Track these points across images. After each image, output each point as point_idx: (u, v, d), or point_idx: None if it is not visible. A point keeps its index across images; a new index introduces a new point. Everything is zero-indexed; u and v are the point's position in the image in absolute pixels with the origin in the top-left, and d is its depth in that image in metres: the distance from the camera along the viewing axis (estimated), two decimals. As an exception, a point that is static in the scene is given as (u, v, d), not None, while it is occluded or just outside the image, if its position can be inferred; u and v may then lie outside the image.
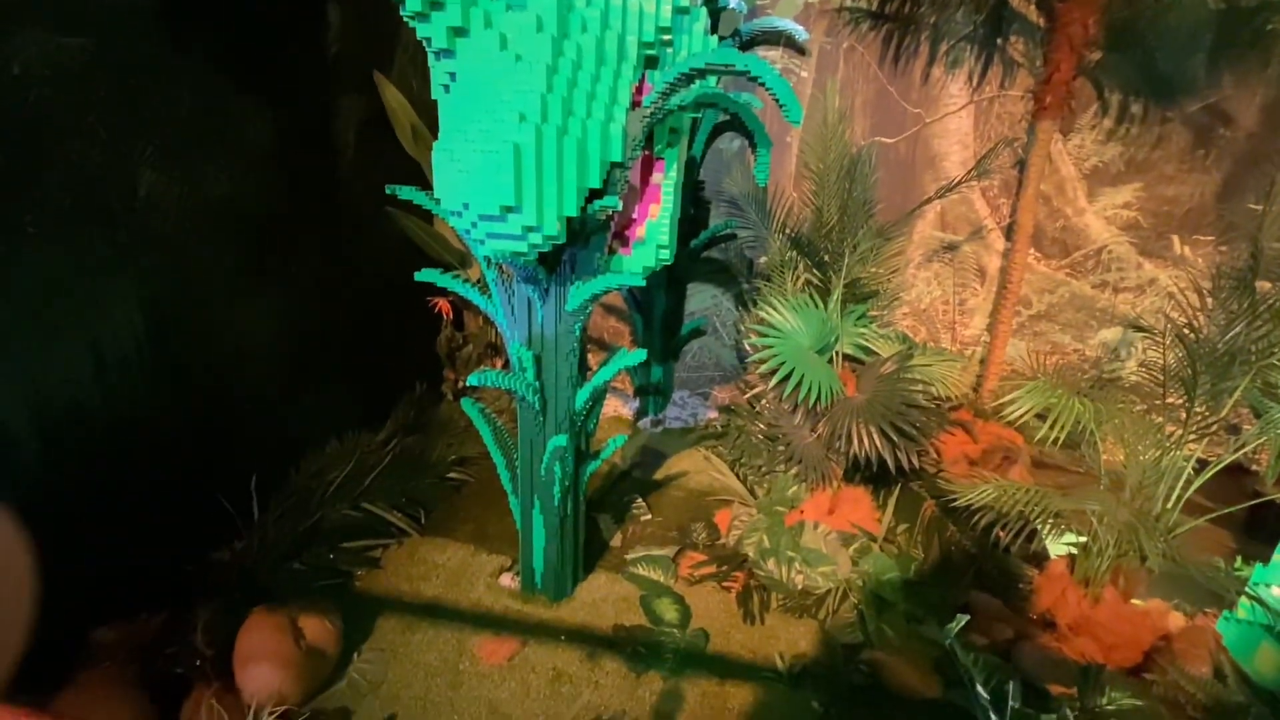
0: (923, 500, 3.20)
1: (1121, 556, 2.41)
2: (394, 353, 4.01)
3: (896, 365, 2.65)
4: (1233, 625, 2.41)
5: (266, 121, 2.91)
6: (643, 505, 3.37)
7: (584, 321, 2.26)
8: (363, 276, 3.62)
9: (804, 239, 3.22)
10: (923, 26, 3.88)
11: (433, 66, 1.94)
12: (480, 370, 2.14)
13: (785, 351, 2.63)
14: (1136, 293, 4.10)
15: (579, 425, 2.41)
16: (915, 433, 2.55)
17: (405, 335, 4.12)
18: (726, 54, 1.86)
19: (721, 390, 4.78)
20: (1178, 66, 3.67)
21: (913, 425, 2.52)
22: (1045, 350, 4.29)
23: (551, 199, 1.85)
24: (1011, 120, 3.96)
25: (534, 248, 1.91)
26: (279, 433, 3.14)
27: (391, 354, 3.99)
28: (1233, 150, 3.75)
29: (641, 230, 2.33)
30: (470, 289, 2.33)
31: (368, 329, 3.73)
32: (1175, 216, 3.93)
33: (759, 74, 1.82)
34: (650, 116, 2.01)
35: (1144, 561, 2.33)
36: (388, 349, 3.93)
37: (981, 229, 4.20)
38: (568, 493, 2.45)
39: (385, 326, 3.88)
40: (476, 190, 1.80)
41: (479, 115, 1.81)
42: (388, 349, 3.93)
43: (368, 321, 3.72)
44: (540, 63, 1.81)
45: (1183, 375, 2.27)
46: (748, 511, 3.12)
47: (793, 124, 1.93)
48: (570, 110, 1.87)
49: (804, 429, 2.85)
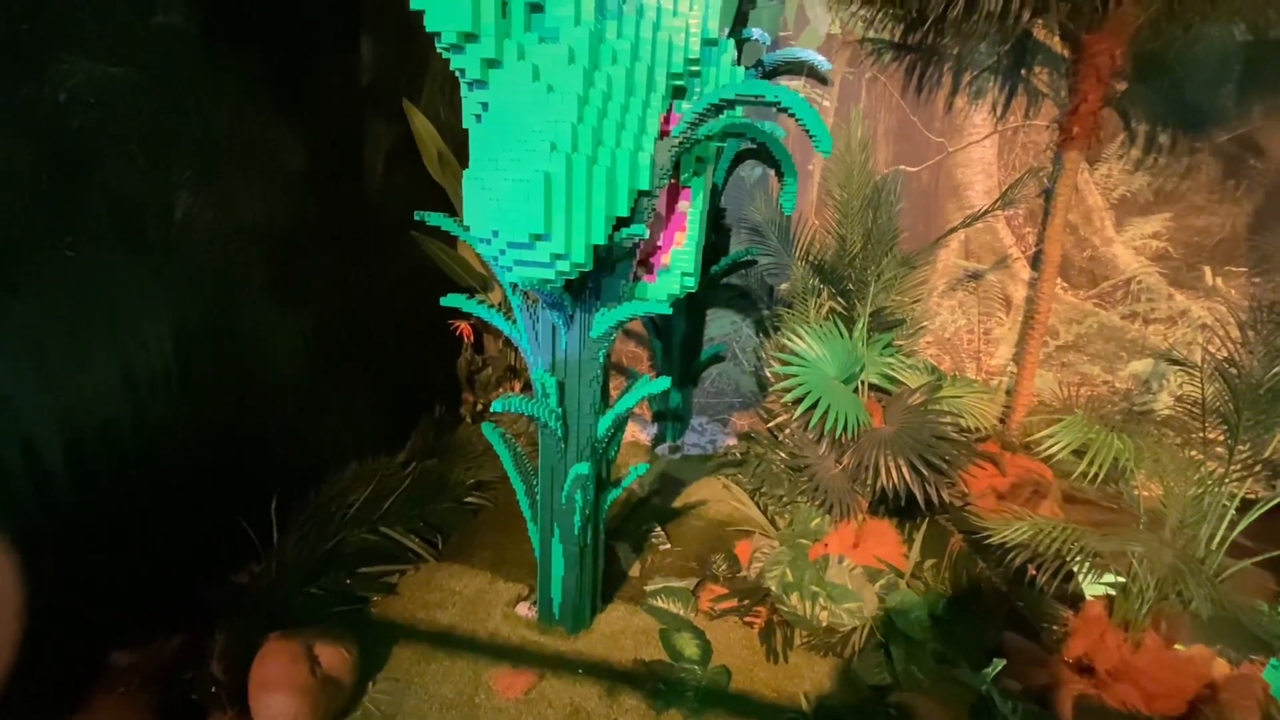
0: (949, 534, 3.11)
1: (1163, 600, 2.31)
2: (415, 375, 4.03)
3: (925, 396, 2.60)
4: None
5: (299, 147, 2.98)
6: (662, 534, 3.31)
7: (608, 348, 2.24)
8: (386, 299, 3.65)
9: (827, 266, 3.20)
10: (945, 57, 3.89)
11: (465, 97, 1.97)
12: (503, 396, 2.13)
13: (810, 380, 2.60)
14: (1168, 324, 4.02)
15: (601, 453, 2.38)
16: (945, 466, 2.48)
17: (426, 357, 4.14)
18: (755, 85, 1.86)
19: (741, 417, 4.73)
20: (1206, 97, 3.64)
21: (942, 458, 2.46)
22: (1074, 382, 4.20)
23: (580, 227, 1.85)
24: (1036, 150, 3.94)
25: (561, 275, 1.91)
26: (301, 454, 3.15)
27: (412, 376, 4.01)
28: (1264, 181, 3.69)
29: (666, 257, 2.33)
30: (495, 314, 2.33)
31: (390, 351, 3.76)
32: (1206, 247, 3.86)
33: (789, 105, 1.82)
34: (678, 146, 2.02)
35: (1187, 606, 2.23)
36: (409, 371, 3.95)
37: (1006, 258, 4.15)
38: (588, 522, 2.42)
39: (407, 348, 3.90)
40: (507, 218, 1.81)
41: (510, 144, 1.82)
42: (409, 371, 3.95)
43: (390, 343, 3.75)
44: (572, 93, 1.82)
45: (1224, 411, 2.20)
46: (769, 543, 3.05)
47: (823, 154, 1.92)
48: (600, 140, 1.88)
49: (829, 460, 2.80)
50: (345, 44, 3.33)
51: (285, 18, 2.84)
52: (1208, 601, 2.03)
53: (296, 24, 2.92)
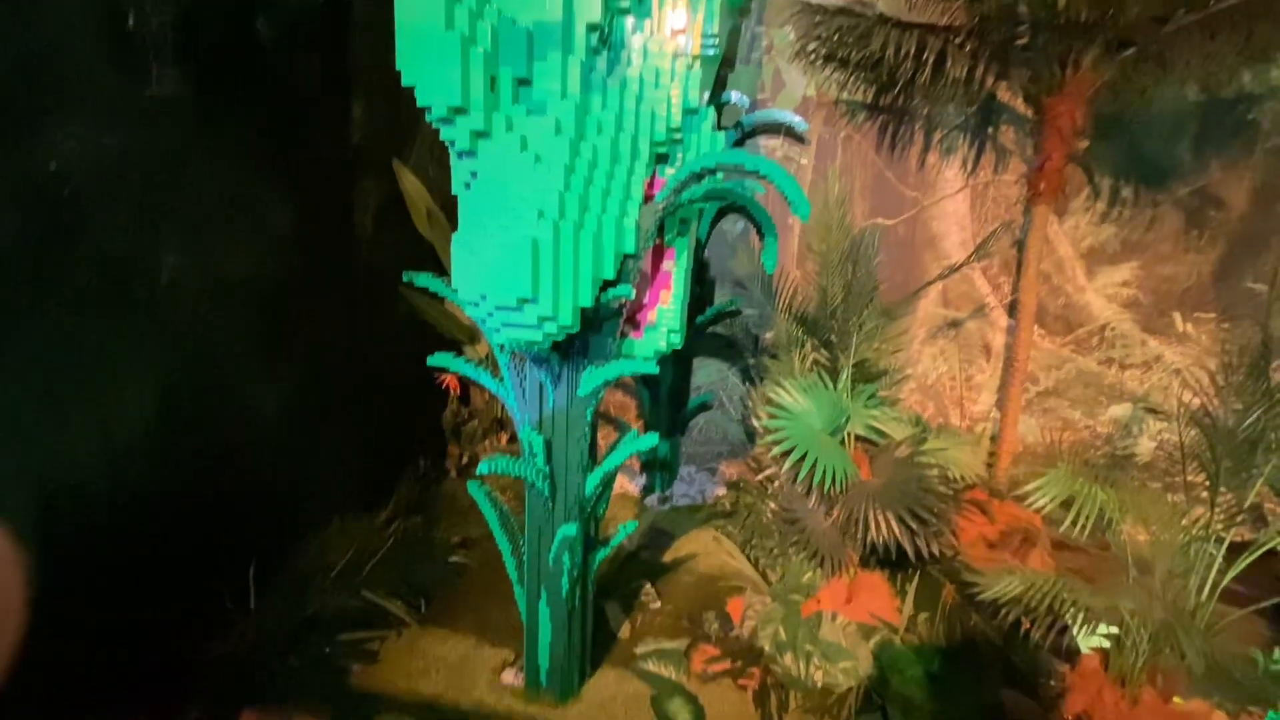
0: (941, 585, 3.08)
1: (1158, 653, 2.29)
2: (399, 428, 3.99)
3: (911, 449, 2.62)
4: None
5: (289, 207, 3.02)
6: (651, 592, 3.24)
7: (596, 405, 2.25)
8: (372, 353, 3.64)
9: (810, 318, 3.25)
10: (916, 117, 4.07)
11: (454, 165, 2.02)
12: (490, 457, 2.11)
13: (797, 433, 2.61)
14: (1143, 369, 4.11)
15: (589, 512, 2.35)
16: (933, 518, 2.48)
17: (411, 410, 4.11)
18: (735, 154, 1.94)
19: (729, 465, 4.72)
20: (1165, 153, 3.83)
21: (930, 510, 2.46)
22: (1056, 427, 4.25)
23: (567, 290, 1.88)
24: (1007, 203, 4.09)
25: (549, 337, 1.93)
26: (281, 515, 3.08)
27: (397, 430, 3.96)
28: (1225, 231, 3.85)
29: (652, 315, 2.36)
30: (482, 372, 2.33)
31: (375, 406, 3.73)
32: (1175, 294, 3.99)
33: (767, 173, 1.89)
34: (662, 210, 2.08)
35: (1182, 659, 2.21)
36: (393, 425, 3.91)
37: (984, 306, 4.25)
38: (576, 584, 2.37)
39: (392, 402, 3.87)
40: (495, 282, 1.83)
41: (499, 211, 1.87)
42: (393, 425, 3.91)
43: (375, 398, 3.72)
44: (559, 163, 1.88)
45: (1203, 459, 2.23)
46: (762, 600, 3.00)
47: (801, 219, 1.99)
48: (586, 206, 1.93)
49: (818, 513, 2.79)
50: (336, 106, 3.42)
51: (278, 82, 2.92)
52: (1200, 656, 2.02)
53: (289, 88, 3.01)
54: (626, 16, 2.14)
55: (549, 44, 1.92)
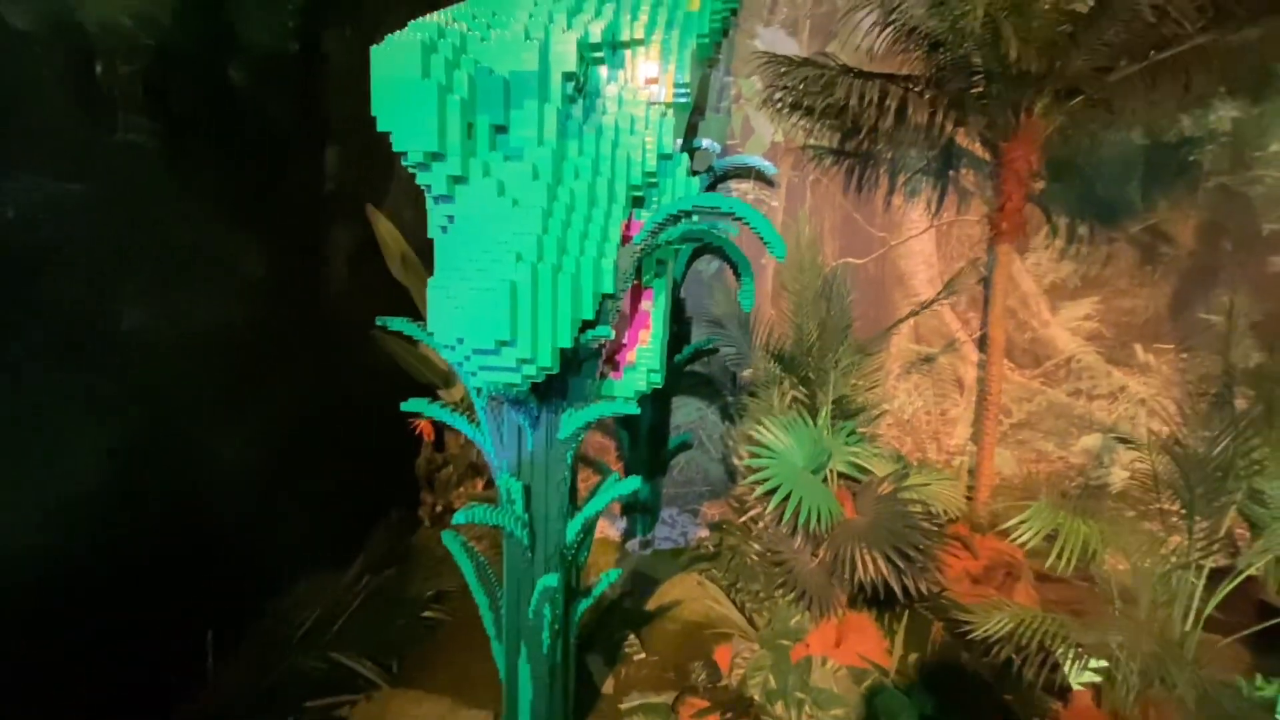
0: (928, 623, 3.04)
1: (1148, 686, 2.27)
2: (371, 477, 3.86)
3: (894, 485, 2.61)
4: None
5: (259, 253, 2.97)
6: (635, 642, 3.13)
7: (576, 449, 2.20)
8: (343, 401, 3.54)
9: (787, 355, 3.27)
10: (881, 161, 4.22)
11: (431, 209, 2.01)
12: (466, 506, 2.04)
13: (780, 472, 2.59)
14: (1110, 399, 4.21)
15: (570, 560, 2.28)
16: (919, 555, 2.46)
17: (384, 458, 3.98)
18: (711, 197, 1.97)
19: (711, 506, 4.65)
20: (1116, 193, 4.02)
21: (917, 548, 2.44)
22: (1031, 459, 4.31)
23: (546, 332, 1.86)
24: (970, 242, 4.23)
25: (528, 379, 1.89)
26: (246, 574, 2.92)
27: (369, 479, 3.83)
28: (1177, 266, 4.03)
29: (632, 355, 2.35)
30: (458, 418, 2.28)
31: (346, 454, 3.61)
32: (1135, 326, 4.13)
33: (742, 215, 1.92)
34: (640, 252, 2.09)
35: (1172, 691, 2.19)
36: (365, 474, 3.78)
37: (955, 341, 4.34)
38: (558, 638, 2.27)
39: (364, 450, 3.75)
40: (472, 325, 1.80)
41: (476, 255, 1.85)
42: (365, 474, 3.78)
43: (346, 446, 3.60)
44: (536, 207, 1.89)
45: (1177, 487, 2.26)
46: (750, 646, 2.91)
47: (777, 259, 2.01)
48: (564, 249, 1.93)
49: (804, 554, 2.74)
50: (309, 152, 3.41)
51: (248, 128, 2.91)
52: (1191, 686, 2.00)
53: (260, 134, 2.99)
54: (601, 66, 2.19)
55: (525, 92, 1.95)
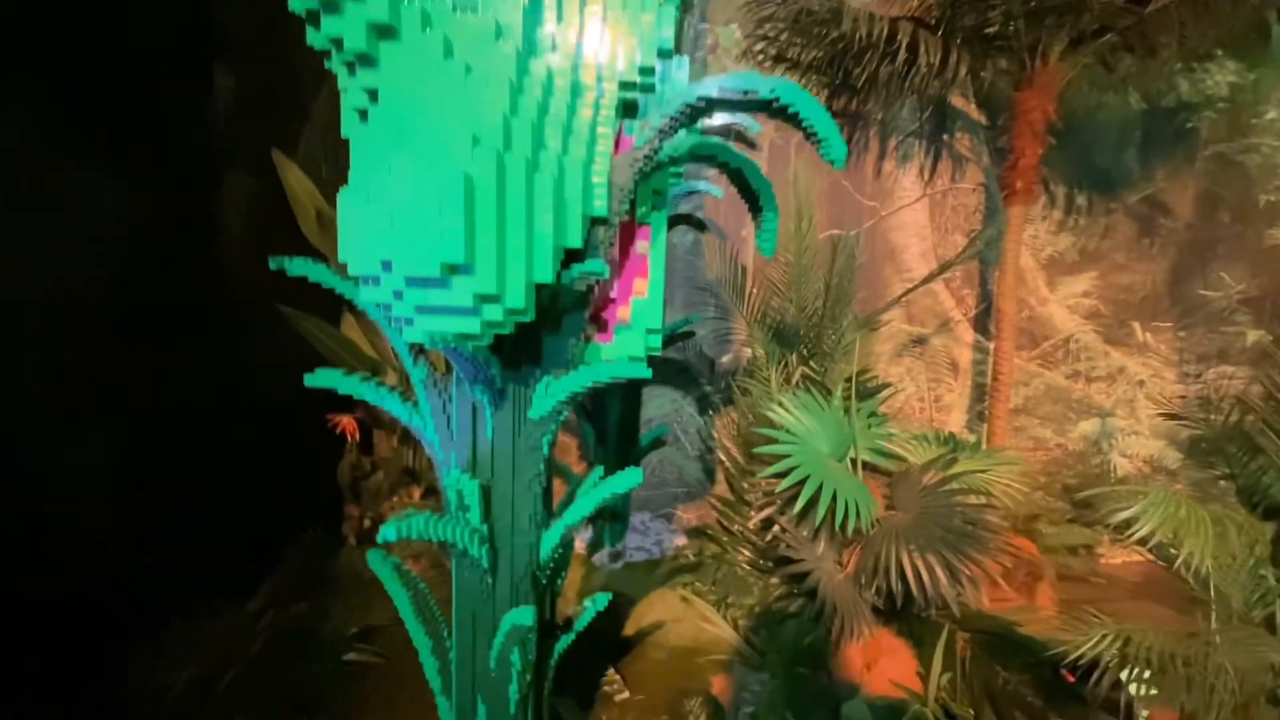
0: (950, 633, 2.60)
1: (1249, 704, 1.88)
2: (280, 489, 3.10)
3: (940, 473, 2.16)
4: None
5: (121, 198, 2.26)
6: (616, 679, 2.55)
7: (554, 435, 1.62)
8: (241, 392, 2.81)
9: (788, 329, 2.79)
10: (871, 122, 3.84)
11: (344, 86, 1.40)
12: (399, 515, 1.43)
13: (806, 461, 2.08)
14: (1109, 381, 3.96)
15: (546, 586, 1.69)
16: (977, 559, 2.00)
17: (296, 465, 3.24)
18: (745, 79, 1.44)
19: (687, 509, 4.12)
20: (1114, 161, 3.78)
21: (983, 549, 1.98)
22: (1028, 447, 4.00)
23: (518, 258, 1.28)
24: (966, 212, 3.90)
25: (490, 328, 1.30)
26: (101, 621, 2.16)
27: (276, 491, 3.08)
28: (1175, 239, 3.82)
29: (624, 311, 1.79)
30: (388, 394, 1.65)
31: (244, 462, 2.87)
32: (1133, 304, 3.90)
33: (791, 100, 1.40)
34: (643, 161, 1.54)
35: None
36: (271, 485, 3.03)
37: (949, 321, 4.00)
38: (529, 691, 1.67)
39: (270, 456, 3.02)
40: (406, 242, 1.20)
41: (412, 140, 1.25)
42: (271, 485, 3.03)
43: (246, 450, 2.87)
44: (501, 77, 1.31)
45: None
46: (758, 677, 2.39)
47: (835, 163, 1.51)
48: (541, 141, 1.36)
49: (828, 561, 2.24)
50: (192, 79, 2.69)
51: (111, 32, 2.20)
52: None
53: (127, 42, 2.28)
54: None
55: (483, -81, 1.38)
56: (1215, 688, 1.83)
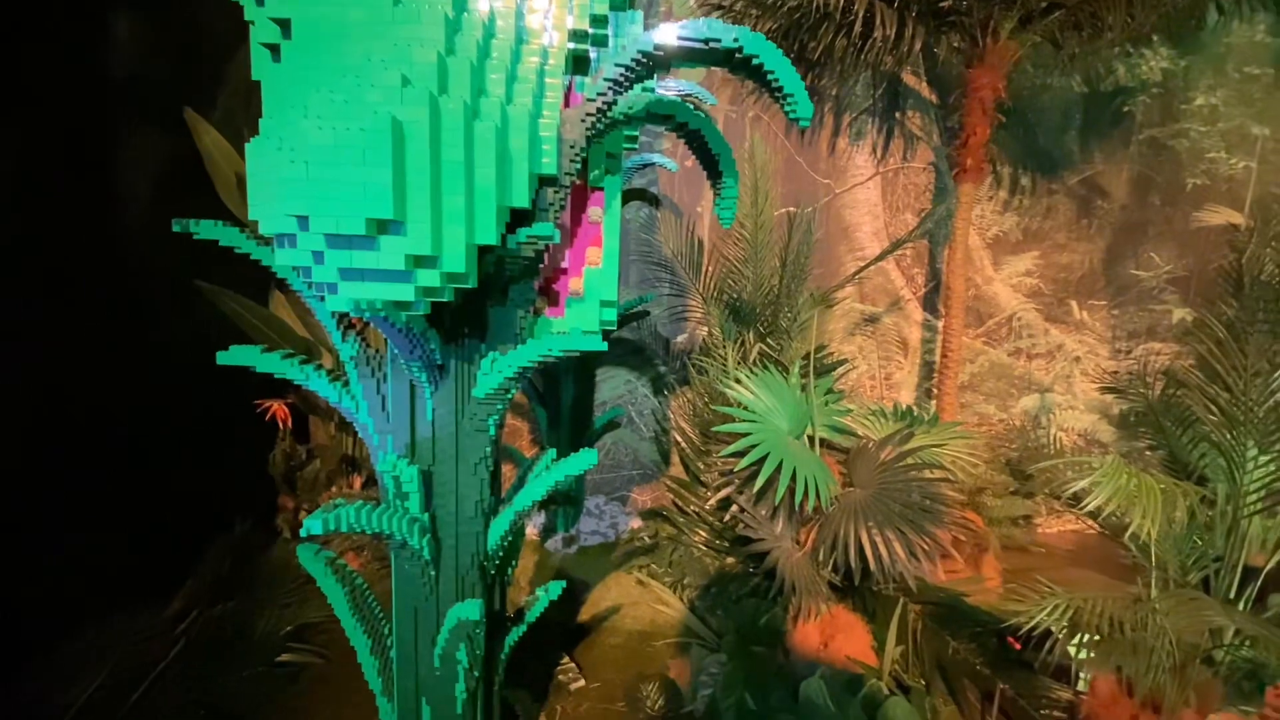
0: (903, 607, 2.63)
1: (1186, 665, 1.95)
2: (205, 480, 2.85)
3: (898, 449, 2.14)
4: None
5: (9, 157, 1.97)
6: (571, 667, 2.47)
7: (502, 414, 1.50)
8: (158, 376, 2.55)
9: (745, 306, 2.73)
10: (825, 98, 3.80)
11: (252, 18, 1.22)
12: (328, 505, 1.29)
13: (766, 439, 2.02)
14: (1048, 358, 4.10)
15: (495, 577, 1.57)
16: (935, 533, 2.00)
17: (224, 454, 3.00)
18: (707, 26, 1.34)
19: (642, 491, 4.06)
20: (1055, 142, 3.87)
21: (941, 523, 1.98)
22: (973, 421, 4.10)
23: (457, 216, 1.14)
24: (917, 191, 3.92)
25: (427, 295, 1.17)
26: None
27: (201, 482, 2.83)
28: (1111, 220, 3.95)
29: (577, 282, 1.67)
30: (314, 373, 1.49)
31: (165, 450, 2.63)
32: (1071, 283, 4.03)
33: (756, 50, 1.31)
34: (595, 116, 1.42)
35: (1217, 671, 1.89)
36: (196, 475, 2.78)
37: (900, 300, 4.04)
38: (477, 688, 1.56)
39: (193, 444, 2.77)
40: (325, 194, 1.05)
41: (332, 79, 1.09)
42: (196, 475, 2.78)
43: (166, 439, 2.62)
44: (435, 9, 1.16)
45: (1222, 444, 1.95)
46: (715, 658, 2.35)
47: (802, 122, 1.43)
48: (482, 87, 1.22)
49: (786, 539, 2.21)
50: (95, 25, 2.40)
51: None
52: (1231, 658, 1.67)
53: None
54: None
55: None
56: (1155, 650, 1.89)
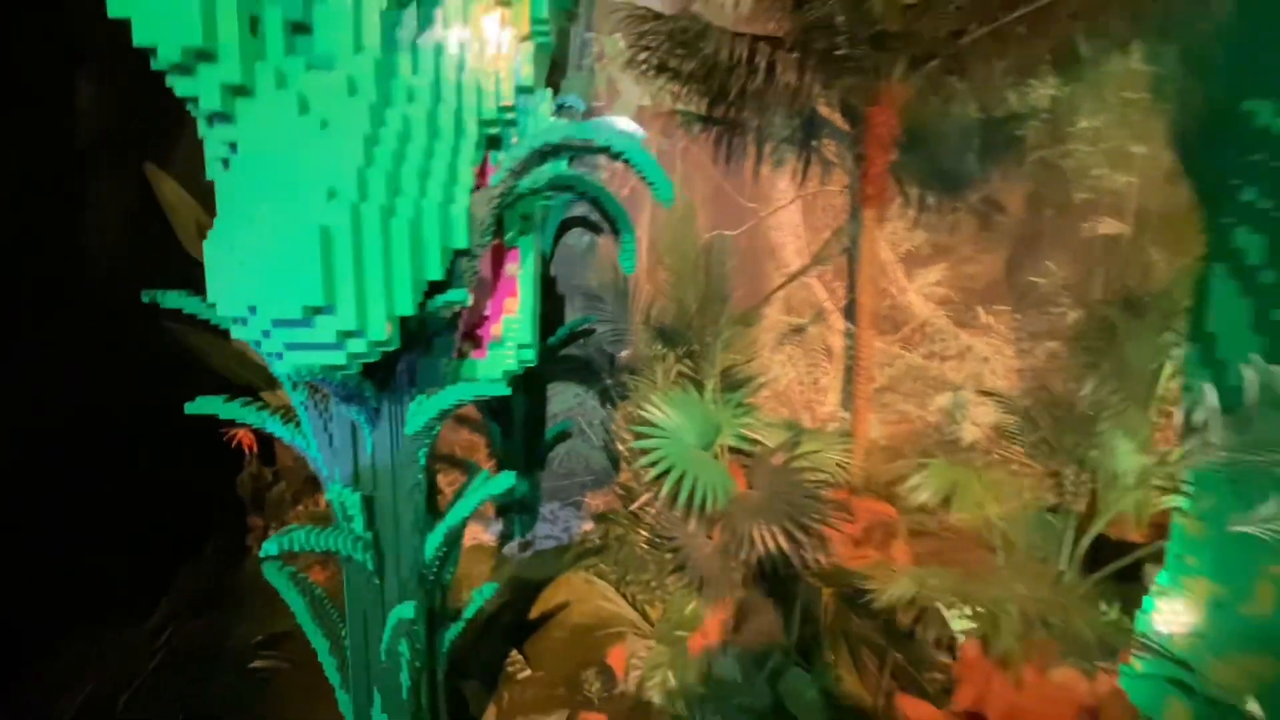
0: (818, 592, 2.98)
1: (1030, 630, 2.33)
2: (177, 505, 3.09)
3: (787, 455, 2.48)
4: (1136, 681, 2.41)
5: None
6: (519, 659, 2.77)
7: (430, 446, 1.79)
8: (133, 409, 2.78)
9: (669, 330, 3.06)
10: (748, 129, 4.13)
11: (205, 134, 1.49)
12: (282, 530, 1.57)
13: (671, 452, 2.35)
14: (959, 359, 4.49)
15: (433, 581, 1.86)
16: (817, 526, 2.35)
17: (193, 480, 3.23)
18: (584, 128, 1.65)
19: (595, 496, 4.36)
20: (956, 164, 4.26)
21: (816, 518, 2.32)
22: (894, 420, 4.49)
23: (377, 295, 1.43)
24: (834, 212, 4.28)
25: (356, 359, 1.46)
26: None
27: (173, 507, 3.06)
28: (1009, 233, 4.36)
29: (497, 328, 1.97)
30: (269, 418, 1.77)
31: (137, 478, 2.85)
32: (977, 290, 4.42)
33: (623, 149, 1.62)
34: (500, 198, 1.72)
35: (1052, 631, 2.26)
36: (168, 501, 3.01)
37: (823, 311, 4.40)
38: (421, 676, 1.85)
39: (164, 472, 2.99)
40: (269, 288, 1.33)
41: (272, 193, 1.38)
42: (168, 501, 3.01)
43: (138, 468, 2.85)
44: (356, 131, 1.45)
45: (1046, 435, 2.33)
46: (645, 644, 2.67)
47: (664, 203, 1.74)
48: (398, 188, 1.51)
49: (698, 537, 2.54)
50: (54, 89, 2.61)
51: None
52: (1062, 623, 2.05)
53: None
54: (438, -29, 1.77)
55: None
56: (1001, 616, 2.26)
